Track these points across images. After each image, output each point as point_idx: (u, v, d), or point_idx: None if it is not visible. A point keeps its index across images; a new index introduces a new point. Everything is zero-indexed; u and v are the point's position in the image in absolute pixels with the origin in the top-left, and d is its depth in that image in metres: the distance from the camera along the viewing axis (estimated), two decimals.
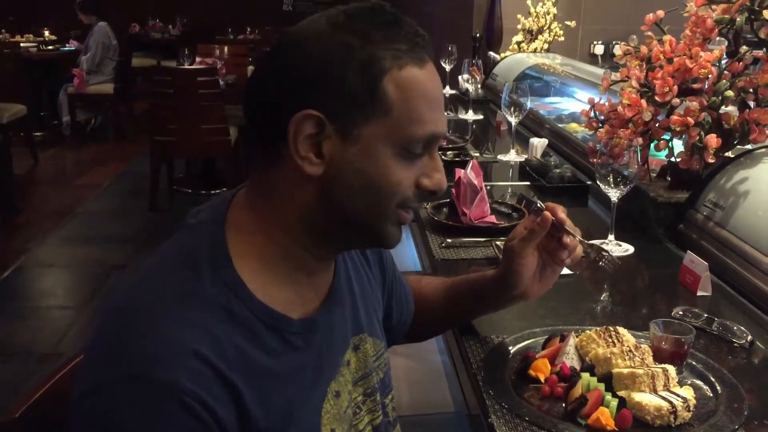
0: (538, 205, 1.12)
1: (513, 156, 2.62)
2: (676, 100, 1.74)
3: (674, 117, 1.72)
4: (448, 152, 2.62)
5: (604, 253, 1.18)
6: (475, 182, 1.84)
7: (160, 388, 0.75)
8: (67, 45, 7.96)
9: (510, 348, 1.22)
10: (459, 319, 1.30)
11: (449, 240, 1.75)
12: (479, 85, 3.70)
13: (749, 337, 1.27)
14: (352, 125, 0.84)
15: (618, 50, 1.95)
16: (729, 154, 1.77)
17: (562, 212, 1.12)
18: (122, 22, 8.54)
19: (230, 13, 9.75)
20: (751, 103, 1.73)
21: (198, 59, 6.10)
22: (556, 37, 4.28)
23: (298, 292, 0.91)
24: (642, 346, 1.14)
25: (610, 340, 1.16)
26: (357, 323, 1.01)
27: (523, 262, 1.13)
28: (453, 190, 1.90)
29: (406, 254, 2.31)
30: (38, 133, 7.01)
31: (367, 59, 0.83)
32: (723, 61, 1.77)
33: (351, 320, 1.00)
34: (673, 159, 1.85)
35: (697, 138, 1.70)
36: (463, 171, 1.89)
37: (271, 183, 0.88)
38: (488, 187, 1.95)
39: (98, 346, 0.82)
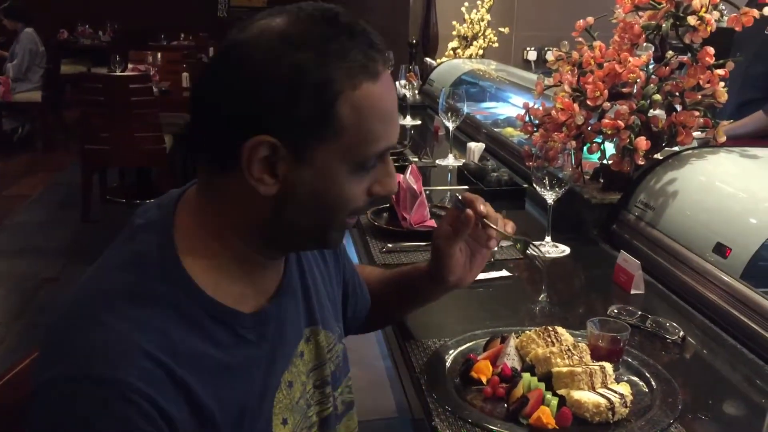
0: (458, 196, 1.13)
1: (451, 160, 2.65)
2: (607, 104, 1.79)
3: (605, 120, 1.77)
4: None
5: (531, 245, 1.21)
6: (415, 187, 1.85)
7: (108, 387, 0.75)
8: None
9: (452, 351, 1.23)
10: (399, 310, 1.33)
11: (390, 245, 1.76)
12: (416, 91, 3.73)
13: (681, 333, 1.31)
14: (306, 148, 0.83)
15: (550, 56, 1.99)
16: (658, 156, 1.83)
17: (482, 204, 1.13)
18: (50, 28, 8.26)
19: (163, 18, 9.52)
20: (678, 107, 1.79)
21: (130, 66, 5.95)
22: (490, 43, 4.36)
23: (249, 287, 0.91)
24: (580, 344, 1.16)
25: (549, 339, 1.18)
26: (310, 315, 1.02)
27: (451, 259, 1.15)
28: (393, 195, 1.91)
29: None
30: None
31: (321, 82, 0.81)
32: (650, 66, 1.83)
33: (304, 312, 1.01)
34: (605, 161, 1.90)
35: (628, 141, 1.75)
36: (402, 176, 1.90)
37: (222, 189, 0.87)
38: (427, 192, 1.96)
39: (47, 345, 0.82)
